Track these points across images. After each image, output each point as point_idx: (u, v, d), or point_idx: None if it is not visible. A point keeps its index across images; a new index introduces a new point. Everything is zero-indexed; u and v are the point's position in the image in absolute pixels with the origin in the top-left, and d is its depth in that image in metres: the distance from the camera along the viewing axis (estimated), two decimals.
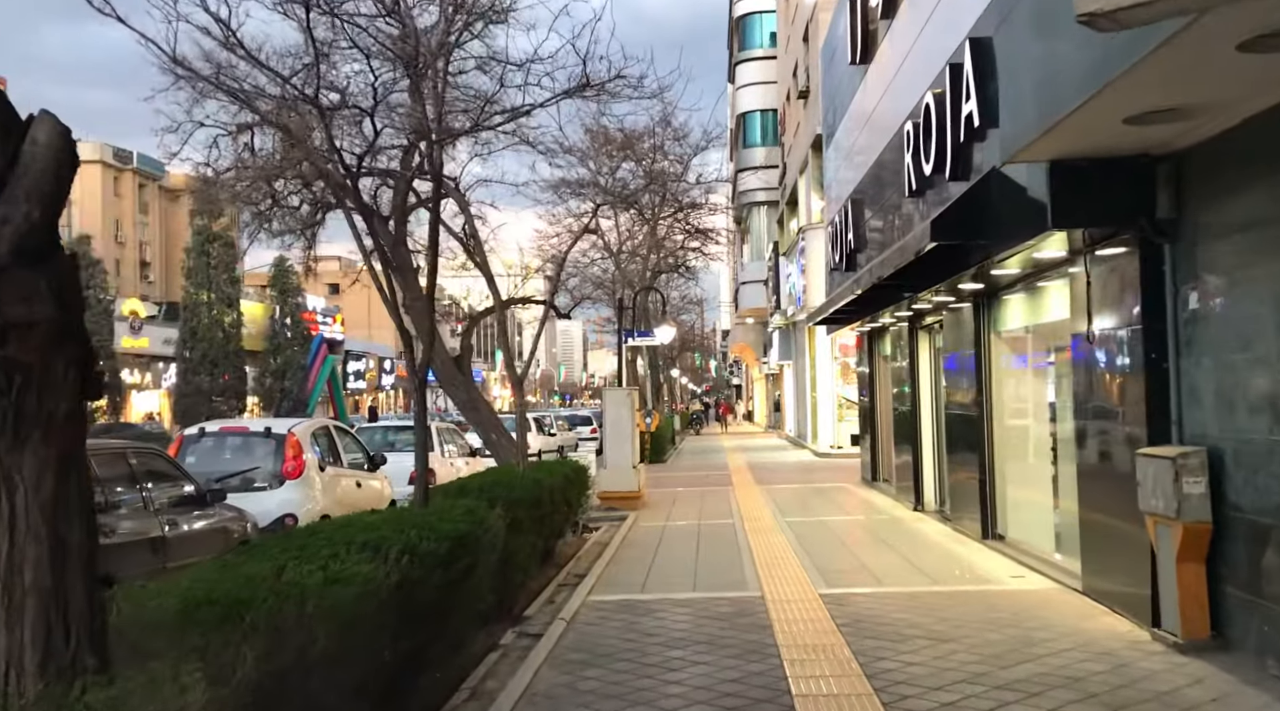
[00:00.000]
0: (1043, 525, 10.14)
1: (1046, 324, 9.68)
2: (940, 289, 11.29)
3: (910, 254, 9.21)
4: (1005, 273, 9.40)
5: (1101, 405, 7.85)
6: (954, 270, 10.08)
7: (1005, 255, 8.39)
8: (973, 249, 9.15)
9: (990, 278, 9.92)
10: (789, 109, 36.53)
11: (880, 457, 17.82)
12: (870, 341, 18.02)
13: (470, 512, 6.65)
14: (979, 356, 11.00)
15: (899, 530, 12.52)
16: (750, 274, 43.52)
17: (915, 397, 14.37)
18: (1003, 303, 10.76)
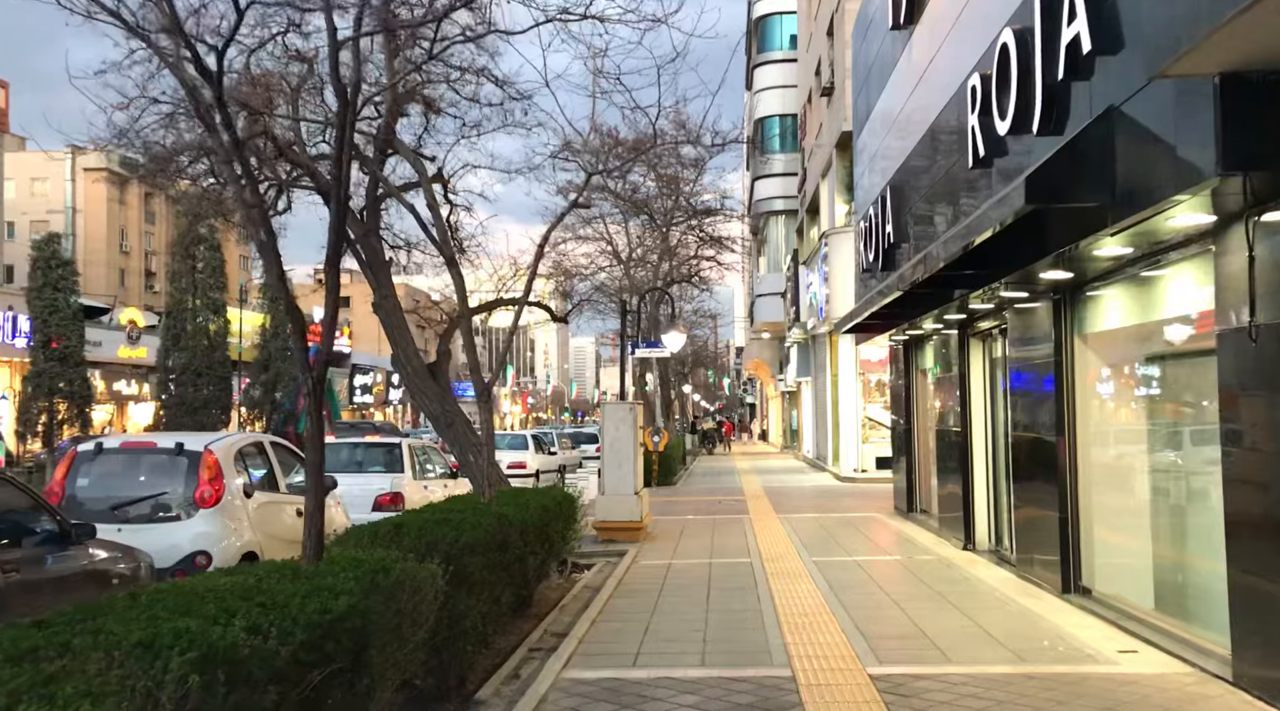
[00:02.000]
0: (1147, 577, 8.00)
1: (1162, 320, 7.57)
2: (1007, 283, 9.17)
3: (988, 227, 7.10)
4: (1110, 254, 7.28)
5: (1271, 423, 5.70)
6: (1031, 255, 7.97)
7: (1122, 226, 6.27)
8: (1060, 223, 7.06)
9: (1084, 263, 7.79)
10: (810, 111, 34.51)
11: (918, 485, 15.64)
12: (906, 353, 15.88)
13: (376, 571, 4.57)
14: (1060, 365, 8.86)
15: (952, 577, 10.35)
16: (767, 286, 41.40)
17: (965, 416, 12.22)
18: (1094, 297, 8.63)
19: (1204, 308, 6.63)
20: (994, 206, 6.93)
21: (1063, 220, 6.66)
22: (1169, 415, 8.27)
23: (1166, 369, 8.13)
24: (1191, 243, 6.50)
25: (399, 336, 12.70)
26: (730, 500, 20.13)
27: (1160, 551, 8.32)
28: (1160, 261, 7.19)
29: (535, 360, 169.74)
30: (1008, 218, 6.48)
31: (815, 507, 18.37)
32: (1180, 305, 7.20)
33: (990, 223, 6.96)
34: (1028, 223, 6.85)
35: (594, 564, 12.00)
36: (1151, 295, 7.76)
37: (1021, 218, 6.69)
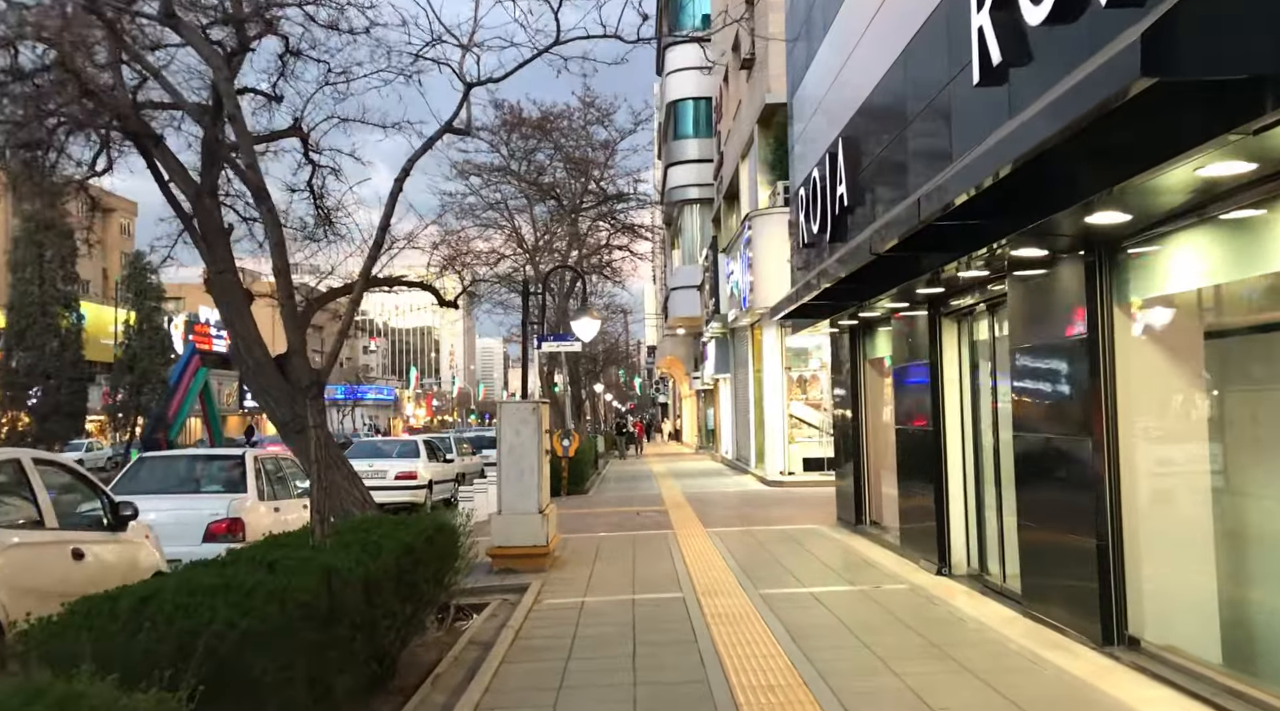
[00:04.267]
0: (1213, 623, 5.95)
1: (1256, 280, 5.46)
2: (1020, 237, 6.99)
3: (1044, 133, 4.85)
4: (1224, 173, 5.07)
5: None
6: (1060, 200, 5.82)
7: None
8: (1175, 116, 4.88)
9: (1156, 197, 5.61)
10: (726, 92, 32.46)
11: (867, 494, 13.53)
12: (853, 340, 13.75)
13: None
14: (1095, 346, 6.72)
15: (941, 617, 8.17)
16: (682, 279, 39.26)
17: (938, 412, 10.09)
18: (1145, 256, 6.48)
19: None
20: (1077, 93, 4.65)
21: (1181, 110, 4.44)
22: (1251, 411, 6.20)
23: (1253, 348, 6.04)
24: None
25: (237, 320, 10.03)
26: (650, 512, 17.80)
27: (1230, 590, 6.27)
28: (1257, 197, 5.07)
29: (440, 361, 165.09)
30: (1109, 99, 4.19)
31: (746, 518, 16.15)
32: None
33: (1067, 114, 4.68)
34: (1100, 128, 4.64)
35: (487, 603, 9.54)
36: (1237, 244, 5.66)
37: (1099, 119, 4.47)
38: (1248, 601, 6.32)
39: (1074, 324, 6.93)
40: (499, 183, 29.56)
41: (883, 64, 9.73)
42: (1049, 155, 5.25)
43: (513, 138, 29.68)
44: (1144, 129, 4.66)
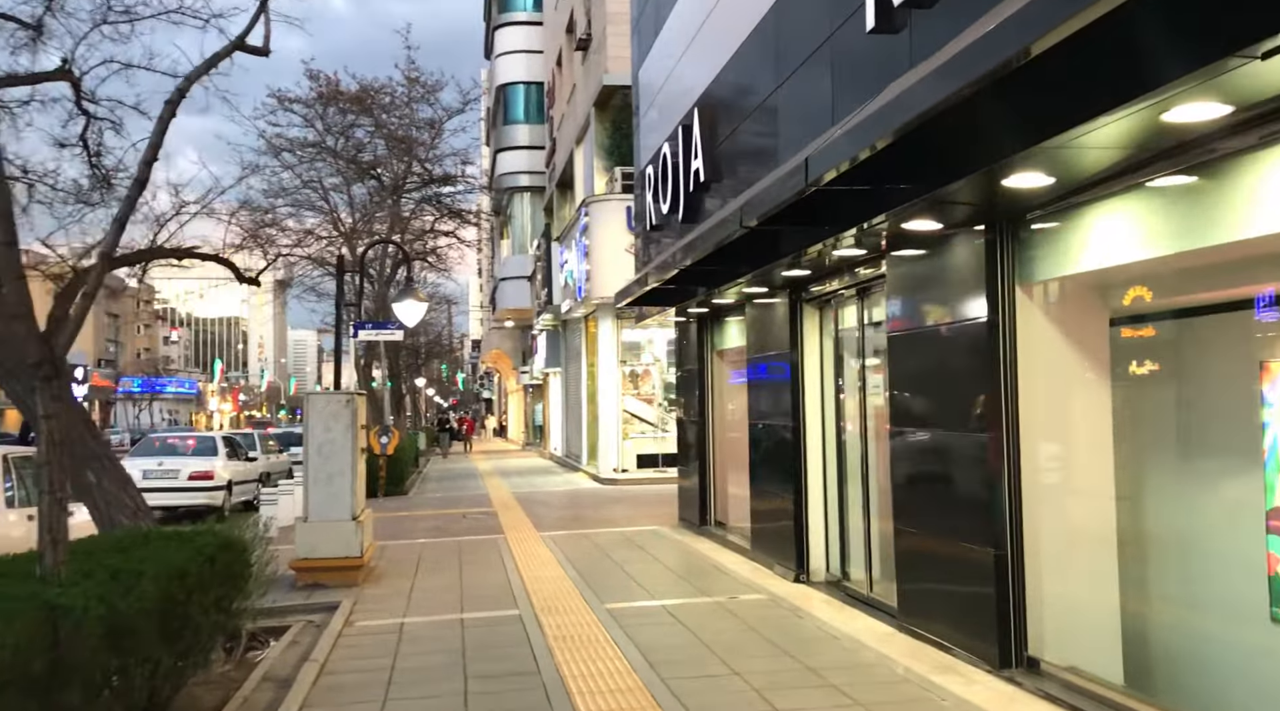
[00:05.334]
0: (1114, 642, 5.33)
1: (1179, 255, 4.79)
2: (908, 211, 6.18)
3: (982, 65, 3.99)
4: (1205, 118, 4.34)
5: None
6: (974, 160, 5.04)
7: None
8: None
9: (1074, 159, 4.86)
10: (559, 76, 31.37)
11: (713, 493, 12.73)
12: (701, 330, 12.92)
13: None
14: (995, 330, 5.99)
15: (810, 634, 7.34)
16: (512, 269, 37.90)
17: (797, 407, 9.32)
18: (1050, 231, 5.74)
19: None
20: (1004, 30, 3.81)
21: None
22: (1156, 407, 5.61)
23: (1163, 335, 5.44)
24: None
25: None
26: (478, 514, 16.51)
27: (1132, 604, 5.68)
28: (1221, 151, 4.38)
29: (249, 353, 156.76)
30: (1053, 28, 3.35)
31: (582, 520, 15.12)
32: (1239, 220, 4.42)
33: (999, 51, 3.83)
34: (1035, 70, 3.81)
35: (288, 627, 8.14)
36: (1151, 220, 4.99)
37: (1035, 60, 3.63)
38: (1147, 615, 5.75)
39: (970, 307, 6.19)
40: (313, 159, 27.46)
41: (752, 17, 8.85)
42: (964, 106, 4.43)
43: (329, 111, 27.66)
44: (1085, 72, 3.85)
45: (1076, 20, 3.46)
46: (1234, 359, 5.31)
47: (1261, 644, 5.04)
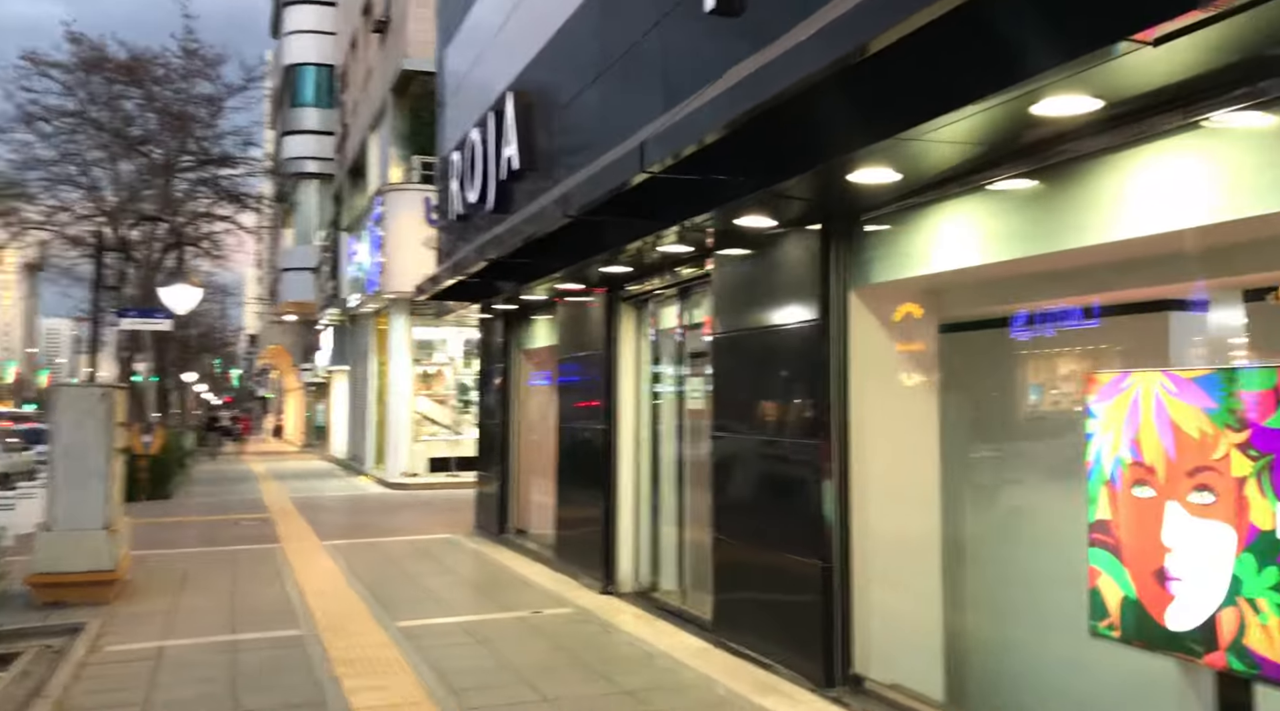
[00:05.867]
0: (935, 657, 5.21)
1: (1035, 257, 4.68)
2: (743, 206, 5.86)
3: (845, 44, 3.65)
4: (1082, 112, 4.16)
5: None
6: (824, 151, 4.77)
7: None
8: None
9: (922, 157, 4.65)
10: (354, 60, 29.92)
11: (514, 499, 12.15)
12: (507, 327, 12.32)
13: None
14: (827, 334, 5.75)
15: (624, 652, 6.91)
16: (296, 260, 35.88)
17: (610, 410, 8.91)
18: (883, 233, 5.56)
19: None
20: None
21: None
22: (980, 416, 5.54)
23: (988, 343, 5.35)
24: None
25: None
26: (252, 520, 15.21)
27: (953, 617, 5.59)
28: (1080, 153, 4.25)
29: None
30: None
31: (369, 527, 14.18)
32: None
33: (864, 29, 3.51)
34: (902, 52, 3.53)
35: (19, 653, 6.98)
36: (982, 227, 4.86)
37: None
38: (970, 629, 5.66)
39: (801, 310, 5.93)
40: (74, 130, 24.95)
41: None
42: (808, 96, 4.14)
43: (93, 79, 25.21)
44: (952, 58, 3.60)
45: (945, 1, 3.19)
46: (1061, 369, 5.28)
47: (1080, 657, 4.99)
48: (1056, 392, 5.28)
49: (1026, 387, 5.51)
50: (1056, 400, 5.28)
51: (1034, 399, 5.48)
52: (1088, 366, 5.18)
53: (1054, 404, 5.30)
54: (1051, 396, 5.35)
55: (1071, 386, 5.14)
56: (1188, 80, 3.52)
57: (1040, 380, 5.48)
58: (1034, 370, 5.47)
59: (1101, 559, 4.82)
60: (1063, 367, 5.28)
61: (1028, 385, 5.51)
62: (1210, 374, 4.36)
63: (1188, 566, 4.52)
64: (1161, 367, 4.69)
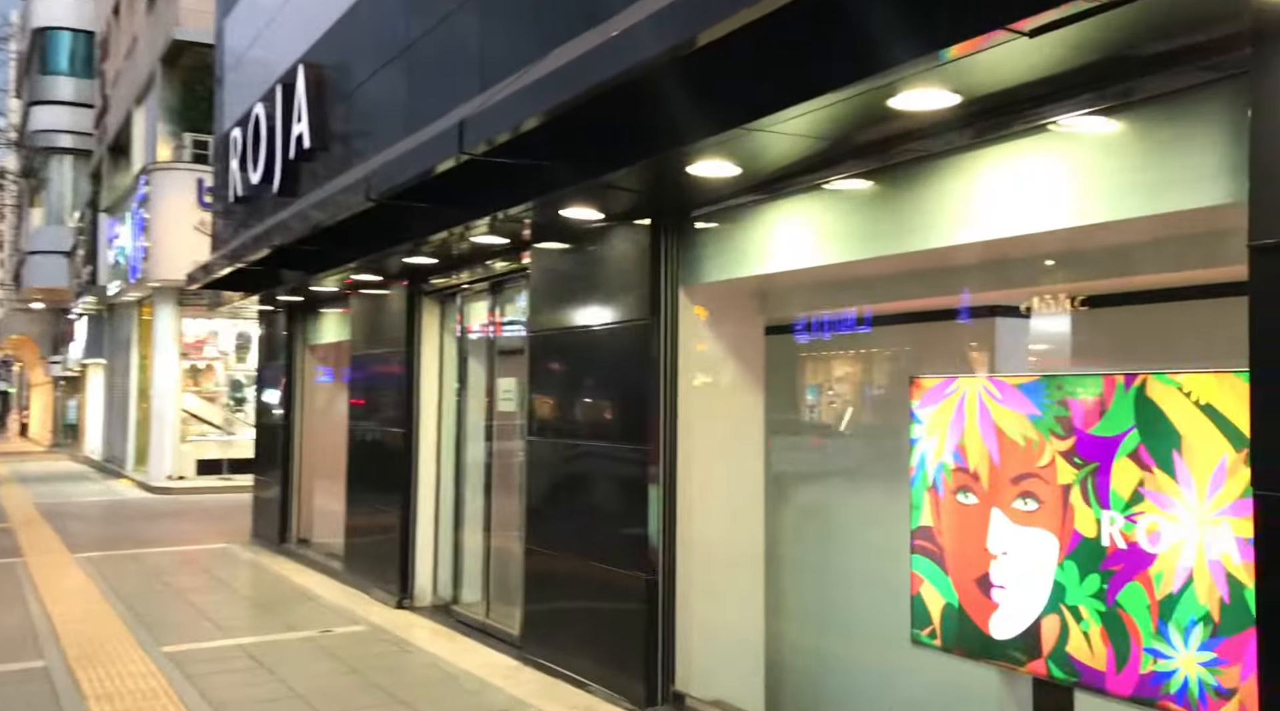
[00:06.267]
0: (756, 670, 5.06)
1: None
2: (570, 196, 5.50)
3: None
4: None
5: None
6: (673, 136, 4.50)
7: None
8: None
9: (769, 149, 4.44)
10: (117, 26, 27.47)
11: (298, 506, 11.29)
12: (291, 320, 11.43)
13: None
14: (657, 334, 5.47)
15: (429, 677, 6.39)
16: (45, 241, 32.63)
17: (411, 412, 8.33)
18: (713, 232, 5.34)
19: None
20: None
21: None
22: (817, 420, 5.43)
23: (831, 345, 5.24)
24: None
25: None
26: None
27: (774, 628, 5.46)
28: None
29: None
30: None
31: (130, 537, 12.85)
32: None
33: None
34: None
35: None
36: (810, 227, 4.73)
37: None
38: (792, 640, 5.54)
39: (628, 308, 5.63)
40: None
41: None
42: (650, 80, 3.86)
43: None
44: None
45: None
46: (888, 374, 5.22)
47: (902, 666, 4.93)
48: (884, 397, 5.21)
49: (855, 392, 5.43)
50: (884, 405, 5.21)
51: (862, 404, 5.40)
52: (915, 371, 5.15)
53: (881, 409, 5.23)
54: (879, 401, 5.28)
55: (899, 391, 5.07)
56: (1042, 80, 3.42)
57: (868, 385, 5.40)
58: (862, 374, 5.39)
59: (924, 566, 4.77)
60: (890, 372, 5.21)
61: (856, 390, 5.43)
62: (1035, 380, 4.35)
63: (1011, 574, 4.51)
64: (987, 373, 4.69)
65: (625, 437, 5.55)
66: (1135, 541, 3.98)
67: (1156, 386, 3.90)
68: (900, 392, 4.79)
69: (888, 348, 5.21)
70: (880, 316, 5.14)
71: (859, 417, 5.37)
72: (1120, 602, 4.04)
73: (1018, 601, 4.43)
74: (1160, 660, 3.88)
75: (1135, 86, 3.22)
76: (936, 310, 4.96)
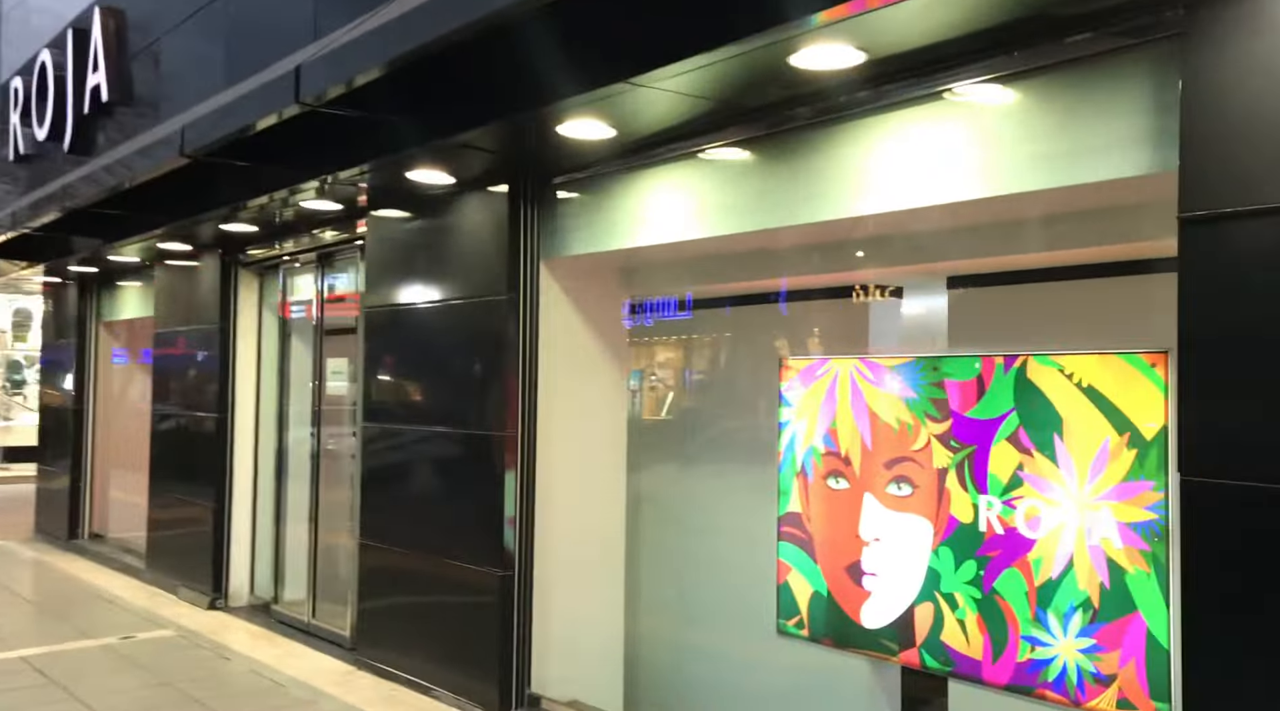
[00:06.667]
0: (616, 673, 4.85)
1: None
2: (408, 160, 5.04)
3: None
4: None
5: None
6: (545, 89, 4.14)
7: None
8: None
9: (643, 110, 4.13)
10: None
11: (90, 498, 10.23)
12: (83, 294, 10.32)
13: None
14: (519, 310, 5.07)
15: (253, 687, 5.78)
16: None
17: (225, 395, 7.60)
18: (575, 203, 5.00)
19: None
20: None
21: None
22: (683, 403, 5.19)
23: (701, 324, 5.00)
24: None
25: None
26: None
27: (639, 625, 5.23)
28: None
29: None
30: None
31: None
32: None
33: None
34: None
35: None
36: (696, 195, 4.48)
37: None
38: (653, 635, 5.30)
39: (484, 282, 5.19)
40: None
41: None
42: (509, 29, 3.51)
43: None
44: None
45: None
46: (757, 355, 5.03)
47: (767, 659, 4.77)
48: (754, 380, 5.01)
49: (724, 376, 5.21)
50: (753, 388, 5.01)
51: (731, 387, 5.19)
52: (787, 352, 4.97)
53: (750, 392, 5.03)
54: (748, 385, 5.08)
55: (770, 374, 4.88)
56: (954, 40, 3.23)
57: (737, 367, 5.20)
58: (732, 356, 5.18)
59: (791, 554, 4.61)
60: (760, 354, 5.02)
61: (726, 373, 5.21)
62: (911, 362, 4.24)
63: (883, 561, 4.39)
64: (860, 354, 4.56)
65: (480, 423, 5.13)
66: (1014, 526, 3.91)
67: (1037, 368, 3.83)
68: (771, 375, 4.60)
69: (760, 328, 5.01)
70: (754, 295, 4.94)
71: (728, 402, 5.15)
72: (997, 589, 3.97)
73: (890, 589, 4.32)
74: (1038, 647, 3.83)
75: (1050, 49, 3.08)
76: (815, 288, 4.79)
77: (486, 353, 5.10)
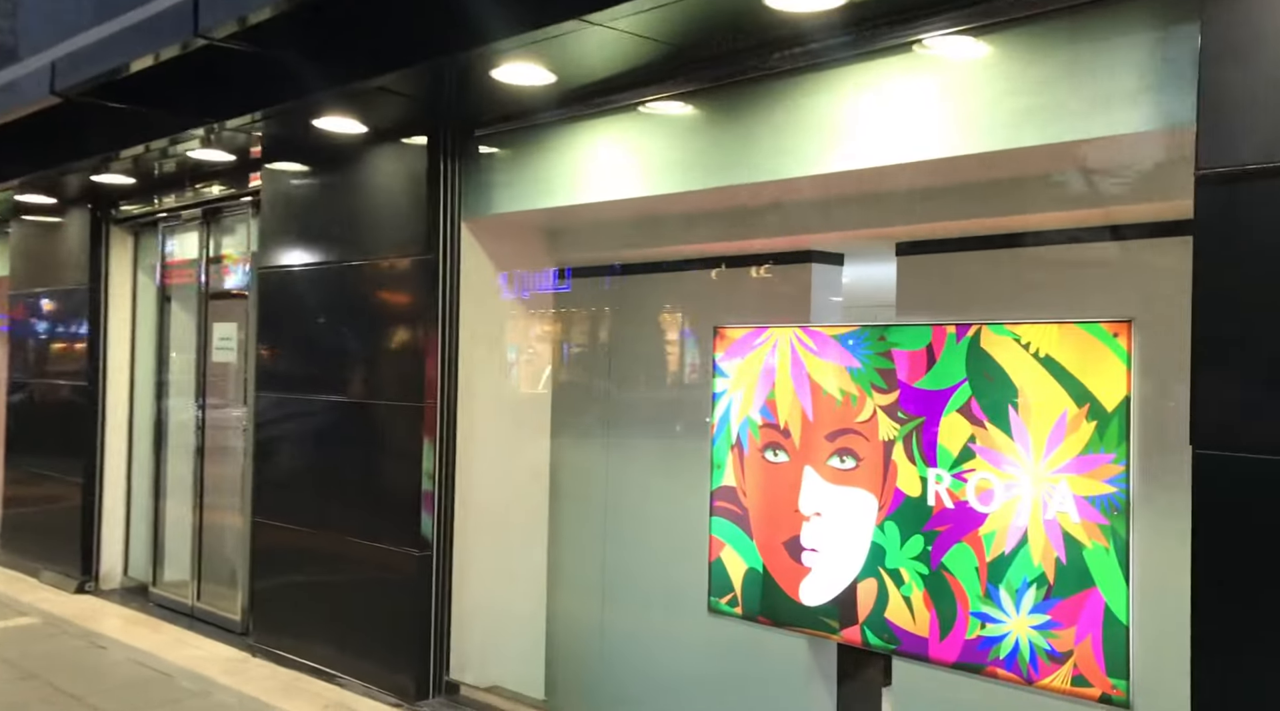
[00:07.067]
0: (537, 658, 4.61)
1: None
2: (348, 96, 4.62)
3: None
4: None
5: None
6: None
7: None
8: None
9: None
10: None
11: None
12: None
13: None
14: (441, 275, 4.69)
15: (135, 678, 5.29)
16: None
17: (96, 362, 6.96)
18: (499, 158, 4.65)
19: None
20: None
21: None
22: (614, 373, 4.94)
23: (629, 289, 4.75)
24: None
25: None
26: None
27: (563, 606, 4.99)
28: None
29: None
30: None
31: None
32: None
33: None
34: None
35: None
36: (632, 152, 4.22)
37: None
38: (578, 617, 5.06)
39: (397, 242, 4.80)
40: None
41: None
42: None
43: None
44: None
45: None
46: (691, 323, 4.81)
47: (697, 638, 4.59)
48: (688, 350, 4.80)
49: (654, 344, 4.97)
50: (687, 358, 4.79)
51: (662, 357, 4.96)
52: (722, 320, 4.77)
53: (683, 362, 4.82)
54: (682, 354, 4.86)
55: (705, 343, 4.66)
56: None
57: (669, 336, 4.97)
58: (665, 324, 4.94)
59: (725, 529, 4.41)
60: (693, 321, 4.80)
61: (656, 341, 4.97)
62: (855, 330, 4.07)
63: (824, 536, 4.24)
64: (801, 323, 4.37)
65: (396, 393, 4.76)
66: (964, 500, 3.78)
67: (991, 338, 3.69)
68: (706, 344, 4.38)
69: (697, 295, 4.78)
70: (692, 260, 4.70)
71: (658, 372, 4.92)
72: (946, 565, 3.84)
73: (831, 565, 4.16)
74: (989, 624, 3.72)
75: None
76: (756, 254, 4.58)
77: (402, 318, 4.73)
